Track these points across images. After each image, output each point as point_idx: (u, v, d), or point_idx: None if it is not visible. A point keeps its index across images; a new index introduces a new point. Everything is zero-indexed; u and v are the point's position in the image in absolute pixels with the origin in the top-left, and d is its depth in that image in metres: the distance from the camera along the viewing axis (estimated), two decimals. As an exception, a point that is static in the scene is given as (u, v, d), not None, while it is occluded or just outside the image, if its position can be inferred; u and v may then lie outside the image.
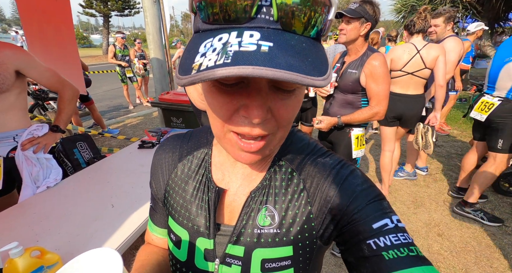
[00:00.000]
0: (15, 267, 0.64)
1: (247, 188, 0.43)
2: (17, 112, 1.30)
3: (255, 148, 0.32)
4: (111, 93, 7.40)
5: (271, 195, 0.41)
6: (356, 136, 1.60)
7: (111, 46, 5.30)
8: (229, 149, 0.35)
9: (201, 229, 0.43)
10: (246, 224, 0.40)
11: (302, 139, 0.46)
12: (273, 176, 0.42)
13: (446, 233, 2.05)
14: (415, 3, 10.81)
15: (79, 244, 0.90)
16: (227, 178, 0.44)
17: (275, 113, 0.31)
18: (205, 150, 0.47)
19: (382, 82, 1.44)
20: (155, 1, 3.04)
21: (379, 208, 0.36)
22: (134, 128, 4.53)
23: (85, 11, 20.16)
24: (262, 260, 0.39)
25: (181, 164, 0.47)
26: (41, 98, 3.85)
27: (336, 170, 0.40)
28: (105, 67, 11.29)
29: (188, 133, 0.51)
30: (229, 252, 0.41)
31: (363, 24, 1.41)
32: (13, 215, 1.07)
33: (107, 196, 1.20)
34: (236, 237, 0.40)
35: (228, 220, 0.43)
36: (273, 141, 0.34)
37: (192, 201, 0.44)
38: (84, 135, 2.18)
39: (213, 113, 0.33)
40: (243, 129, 0.31)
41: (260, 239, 0.40)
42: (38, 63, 1.29)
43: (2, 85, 1.17)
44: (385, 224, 0.34)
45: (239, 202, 0.43)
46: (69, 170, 2.00)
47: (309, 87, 1.83)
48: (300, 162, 0.42)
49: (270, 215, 0.40)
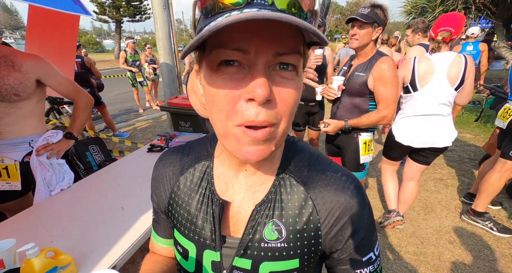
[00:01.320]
0: (32, 267, 0.67)
1: (251, 200, 0.43)
2: (34, 118, 1.36)
3: (262, 136, 0.31)
4: (122, 97, 7.60)
5: (278, 209, 0.41)
6: (364, 141, 1.59)
7: (122, 52, 5.43)
8: (235, 148, 0.34)
9: (207, 242, 0.43)
10: (253, 237, 0.41)
11: (303, 149, 0.46)
12: (278, 189, 0.42)
13: (458, 240, 2.00)
14: (426, 4, 10.63)
15: (90, 246, 0.93)
16: (230, 189, 0.44)
17: (276, 96, 0.31)
18: (206, 162, 0.47)
19: (390, 85, 1.43)
20: (165, 8, 3.13)
21: (370, 242, 0.42)
22: (143, 131, 4.63)
23: (98, 18, 20.85)
24: (269, 272, 0.40)
25: (183, 177, 0.47)
26: (57, 102, 3.99)
27: (346, 185, 0.41)
28: (116, 72, 11.62)
29: (187, 145, 0.51)
30: (236, 265, 0.41)
31: (375, 28, 1.42)
32: (30, 216, 1.12)
33: (117, 199, 1.24)
34: (243, 250, 0.41)
35: (233, 232, 0.44)
36: (277, 134, 0.34)
37: (197, 214, 0.44)
38: (96, 138, 2.25)
39: (217, 108, 0.33)
40: (248, 115, 0.30)
41: (267, 253, 0.40)
42: (57, 73, 1.36)
43: (23, 93, 1.24)
44: (370, 257, 0.42)
45: (244, 214, 0.43)
46: (82, 173, 2.07)
47: (316, 91, 1.85)
48: (305, 174, 0.42)
49: (277, 229, 0.40)
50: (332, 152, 1.86)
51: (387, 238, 2.05)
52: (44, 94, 1.39)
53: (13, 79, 1.20)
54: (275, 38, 0.29)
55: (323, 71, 2.45)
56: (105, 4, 19.91)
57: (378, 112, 1.49)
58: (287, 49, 0.30)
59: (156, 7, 3.03)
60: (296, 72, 0.32)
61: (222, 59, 0.30)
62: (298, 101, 0.34)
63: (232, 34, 0.29)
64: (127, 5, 20.34)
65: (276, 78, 0.31)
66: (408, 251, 1.91)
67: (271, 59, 0.30)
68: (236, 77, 0.30)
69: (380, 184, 2.84)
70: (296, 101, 0.34)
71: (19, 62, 1.22)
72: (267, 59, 0.30)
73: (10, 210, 1.41)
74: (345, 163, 1.71)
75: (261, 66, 0.30)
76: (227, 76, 0.31)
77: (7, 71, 1.19)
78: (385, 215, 2.16)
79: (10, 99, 1.21)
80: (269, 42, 0.29)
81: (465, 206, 2.38)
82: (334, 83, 1.62)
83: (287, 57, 0.30)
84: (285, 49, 0.30)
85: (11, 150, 1.31)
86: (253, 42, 0.29)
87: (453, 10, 9.96)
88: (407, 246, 1.96)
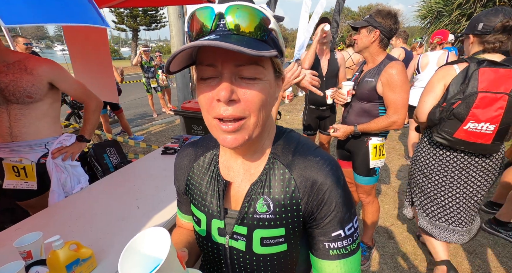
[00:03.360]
0: (57, 258, 0.71)
1: (248, 181, 0.54)
2: (49, 120, 1.43)
3: (232, 128, 0.42)
4: (137, 102, 7.86)
5: (267, 187, 0.51)
6: (374, 146, 1.57)
7: (138, 57, 5.61)
8: (216, 135, 0.45)
9: (214, 213, 0.55)
10: (248, 210, 0.51)
11: (292, 138, 0.55)
12: (268, 171, 0.52)
13: (478, 250, 1.91)
14: (442, 8, 10.40)
15: (108, 242, 0.97)
16: (232, 173, 0.55)
17: (241, 96, 0.41)
18: (213, 151, 0.59)
19: (399, 90, 1.42)
20: (180, 16, 3.27)
21: (341, 220, 0.49)
22: (157, 135, 4.76)
23: (117, 27, 21.86)
24: (261, 237, 0.50)
25: (196, 164, 0.60)
26: (77, 107, 4.20)
27: (322, 167, 0.49)
28: (132, 77, 12.05)
29: (200, 139, 0.65)
30: (236, 231, 0.52)
31: (371, 31, 1.45)
32: (53, 213, 1.19)
33: (133, 198, 1.29)
34: (241, 220, 0.51)
35: (234, 206, 0.55)
36: (249, 126, 0.43)
37: (206, 191, 0.56)
38: (114, 141, 2.35)
39: (202, 107, 0.44)
40: (219, 110, 0.41)
41: (259, 222, 0.50)
42: (69, 77, 1.43)
43: (35, 95, 1.31)
44: (339, 234, 0.49)
45: (242, 192, 0.53)
46: (99, 174, 2.16)
47: (326, 94, 1.86)
48: (290, 159, 0.52)
49: (266, 204, 0.50)
50: (343, 157, 1.85)
51: (402, 245, 1.99)
52: (58, 96, 1.46)
53: (25, 82, 1.27)
54: (234, 54, 0.38)
55: (335, 75, 2.46)
56: (123, 14, 20.86)
57: (387, 117, 1.47)
58: (244, 61, 0.40)
59: (171, 15, 3.17)
60: (258, 78, 0.42)
61: (201, 75, 0.42)
62: (266, 100, 0.43)
63: (206, 54, 0.41)
64: (144, 14, 21.23)
65: (241, 83, 0.41)
66: (423, 259, 1.84)
67: (234, 69, 0.40)
68: (212, 85, 0.41)
69: (395, 190, 2.77)
70: (264, 98, 0.43)
71: (31, 65, 1.30)
72: (231, 70, 0.40)
73: (32, 207, 1.49)
74: (356, 168, 1.69)
75: (227, 75, 0.40)
76: (206, 84, 0.42)
77: (20, 74, 1.27)
78: None
79: (23, 101, 1.29)
80: (230, 58, 0.39)
81: (486, 215, 2.28)
82: (343, 88, 1.63)
83: (246, 67, 0.40)
84: (241, 61, 0.40)
85: (28, 151, 1.38)
86: (218, 59, 0.40)
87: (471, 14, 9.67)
88: (423, 254, 1.89)
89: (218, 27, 0.40)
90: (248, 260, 0.52)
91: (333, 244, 0.49)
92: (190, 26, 0.42)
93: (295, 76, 1.09)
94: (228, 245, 0.53)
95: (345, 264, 0.49)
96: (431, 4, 11.06)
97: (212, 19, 0.40)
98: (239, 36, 0.39)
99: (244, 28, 0.39)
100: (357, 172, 1.69)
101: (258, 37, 0.41)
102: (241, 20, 0.39)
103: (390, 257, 1.89)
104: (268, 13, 0.40)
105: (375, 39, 1.46)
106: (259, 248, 0.50)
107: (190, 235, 0.67)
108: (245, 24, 0.39)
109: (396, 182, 2.94)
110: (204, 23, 0.40)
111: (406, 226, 2.20)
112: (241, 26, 0.39)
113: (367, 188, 1.70)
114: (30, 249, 0.79)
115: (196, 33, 0.41)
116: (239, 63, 0.40)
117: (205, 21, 0.40)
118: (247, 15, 0.39)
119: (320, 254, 0.50)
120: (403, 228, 2.19)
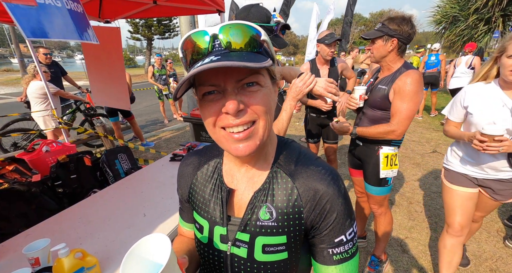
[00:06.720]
0: (62, 266, 0.72)
1: (251, 188, 0.54)
2: None
3: (243, 136, 0.44)
4: (149, 109, 8.07)
5: (270, 195, 0.52)
6: (385, 155, 1.51)
7: (150, 67, 5.85)
8: (226, 145, 0.46)
9: (217, 220, 0.55)
10: (251, 217, 0.52)
11: (293, 148, 0.57)
12: (272, 180, 0.53)
13: (501, 268, 1.78)
14: (458, 13, 10.16)
15: (114, 250, 0.98)
16: (235, 181, 0.56)
17: (247, 103, 0.43)
18: (217, 159, 0.60)
19: (408, 100, 1.36)
20: (191, 25, 3.36)
21: (342, 227, 0.50)
22: (167, 141, 4.84)
23: (132, 36, 22.78)
24: (263, 245, 0.51)
25: (200, 172, 0.61)
26: (90, 115, 4.37)
27: (324, 177, 0.50)
28: (145, 85, 12.43)
29: (204, 148, 0.66)
30: (238, 238, 0.53)
31: (387, 41, 1.40)
32: (62, 218, 1.22)
33: (140, 206, 1.30)
34: (244, 227, 0.52)
35: (237, 213, 0.55)
36: (259, 130, 0.45)
37: (210, 199, 0.57)
38: (125, 147, 2.40)
39: (207, 121, 0.46)
40: (227, 121, 0.43)
41: (261, 229, 0.51)
42: None
43: None
44: (341, 239, 0.50)
45: (245, 199, 0.54)
46: (110, 179, 2.21)
47: (326, 100, 1.81)
48: (293, 169, 0.53)
49: (269, 211, 0.51)
50: (354, 165, 1.79)
51: (417, 259, 1.88)
52: None
53: None
54: (233, 70, 0.41)
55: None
56: (139, 24, 21.76)
57: (388, 125, 1.42)
58: (244, 74, 0.42)
59: (183, 24, 3.26)
60: (259, 85, 0.44)
61: (204, 92, 0.44)
62: (270, 103, 0.46)
63: (206, 76, 0.42)
64: (158, 24, 22.04)
65: (245, 93, 0.43)
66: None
67: (235, 84, 0.42)
68: (215, 100, 0.43)
69: (408, 201, 2.66)
70: (268, 103, 0.45)
71: None
72: (233, 85, 0.42)
73: None
74: (366, 177, 1.63)
75: (230, 90, 0.42)
76: (209, 100, 0.44)
77: None
78: None
79: None
80: (230, 75, 0.41)
81: (509, 229, 2.14)
82: (355, 92, 1.59)
83: (247, 79, 0.42)
84: (242, 75, 0.42)
85: None
86: (220, 78, 0.42)
87: (488, 18, 9.39)
88: (440, 271, 1.78)
89: (214, 48, 0.43)
90: (249, 267, 0.52)
91: (336, 250, 0.50)
92: (186, 51, 0.44)
93: (307, 85, 1.07)
94: (230, 252, 0.54)
95: (346, 267, 0.51)
96: (446, 9, 10.84)
97: (208, 41, 0.42)
98: (237, 52, 0.42)
99: (239, 44, 0.42)
100: (368, 181, 1.63)
101: (254, 51, 0.44)
102: (235, 38, 0.42)
103: (404, 272, 1.79)
104: (257, 27, 0.43)
105: (393, 47, 1.41)
106: (260, 256, 0.51)
107: (191, 243, 0.68)
108: (240, 40, 0.42)
109: (410, 192, 2.82)
110: (201, 46, 0.43)
111: (421, 240, 2.10)
112: (236, 43, 0.42)
113: (378, 198, 1.63)
114: (38, 256, 0.80)
115: (193, 56, 0.43)
116: (241, 77, 0.42)
117: (202, 44, 0.42)
118: (240, 32, 0.42)
119: (324, 261, 0.52)
120: (418, 241, 2.08)
